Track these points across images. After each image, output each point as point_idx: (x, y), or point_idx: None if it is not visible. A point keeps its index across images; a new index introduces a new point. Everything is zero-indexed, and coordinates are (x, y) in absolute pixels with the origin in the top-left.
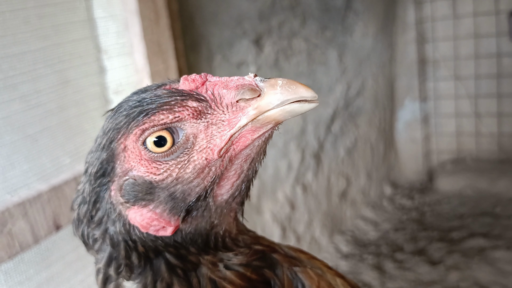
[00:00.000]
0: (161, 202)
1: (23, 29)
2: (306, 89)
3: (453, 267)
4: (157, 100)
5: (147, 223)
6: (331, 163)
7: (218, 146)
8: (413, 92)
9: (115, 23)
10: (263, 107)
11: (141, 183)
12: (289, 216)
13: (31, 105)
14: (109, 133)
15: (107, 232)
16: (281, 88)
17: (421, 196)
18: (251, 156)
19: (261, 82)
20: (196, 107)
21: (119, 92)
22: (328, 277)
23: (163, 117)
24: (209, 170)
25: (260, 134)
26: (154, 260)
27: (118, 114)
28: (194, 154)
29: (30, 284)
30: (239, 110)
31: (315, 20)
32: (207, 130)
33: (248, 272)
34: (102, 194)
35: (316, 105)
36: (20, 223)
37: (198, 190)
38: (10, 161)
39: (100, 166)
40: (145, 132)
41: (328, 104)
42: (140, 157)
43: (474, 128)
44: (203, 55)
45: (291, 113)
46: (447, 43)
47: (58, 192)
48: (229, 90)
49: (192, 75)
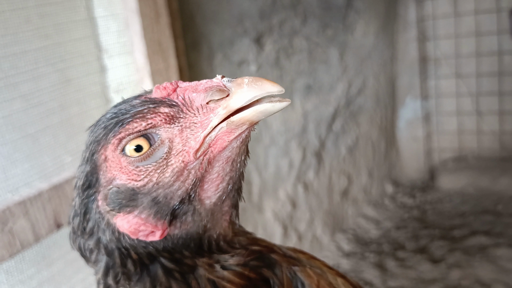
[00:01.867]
0: (145, 207)
1: (24, 28)
2: (272, 84)
3: (455, 265)
4: (131, 110)
5: (134, 229)
6: (333, 161)
7: (193, 148)
8: (415, 90)
9: (116, 22)
10: (232, 105)
11: (124, 191)
12: (291, 214)
13: (32, 104)
14: (90, 146)
15: (100, 242)
16: (247, 86)
17: (422, 194)
18: (232, 157)
19: (228, 82)
20: (168, 113)
21: (120, 91)
22: (328, 276)
23: (136, 125)
24: (189, 173)
25: (236, 135)
26: (150, 266)
27: (97, 127)
28: (171, 158)
29: (31, 283)
30: (210, 111)
31: (316, 18)
32: (181, 134)
33: (246, 271)
34: (91, 205)
35: (288, 103)
36: (21, 221)
37: (180, 194)
38: (11, 160)
39: (85, 178)
40: (122, 140)
41: (330, 102)
42: (121, 166)
43: (476, 126)
44: (204, 54)
45: (264, 113)
46: (448, 41)
47: (59, 191)
48: (198, 93)
49: (163, 84)
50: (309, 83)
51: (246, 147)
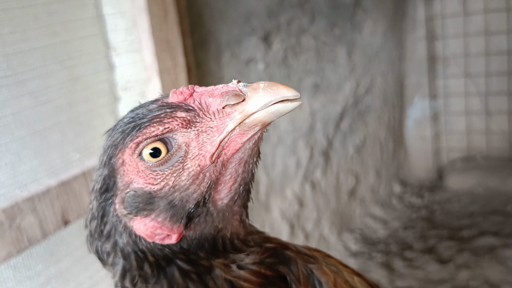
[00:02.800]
0: (161, 210)
1: (33, 25)
2: (287, 89)
3: (463, 265)
4: (148, 114)
5: (151, 232)
6: (340, 160)
7: (209, 152)
8: (423, 89)
9: (124, 20)
10: (248, 110)
11: (141, 194)
12: (298, 213)
13: (41, 101)
14: (108, 150)
15: (117, 245)
16: (263, 91)
17: (430, 194)
18: (244, 159)
19: (244, 87)
20: (185, 117)
21: (128, 89)
22: (345, 275)
23: (153, 129)
24: (204, 176)
25: (249, 137)
26: (166, 268)
27: (114, 132)
28: (187, 162)
29: (38, 279)
30: (226, 116)
31: (324, 17)
32: (198, 138)
33: (262, 269)
34: (108, 208)
35: (299, 103)
36: (29, 218)
37: (195, 197)
38: (20, 157)
39: (103, 182)
40: (140, 145)
41: (337, 101)
42: (138, 170)
43: (485, 126)
44: (212, 52)
45: (275, 113)
46: (457, 40)
47: (67, 188)
48: (214, 98)
49: (180, 88)
50: (316, 82)
51: (258, 149)
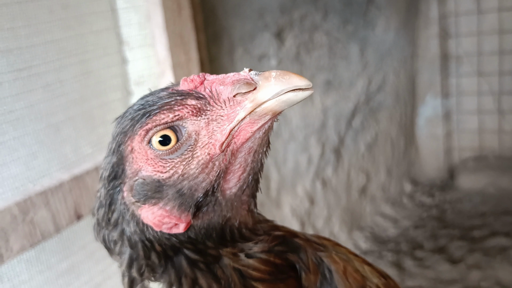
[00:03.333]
0: (169, 199)
1: (47, 18)
2: (300, 78)
3: (474, 266)
4: (158, 102)
5: (159, 221)
6: (351, 158)
7: (219, 140)
8: (435, 88)
9: (137, 14)
10: (259, 99)
11: (149, 182)
12: (309, 211)
13: (54, 95)
14: (117, 137)
15: (124, 233)
16: (275, 80)
17: (441, 194)
18: (254, 148)
19: (255, 75)
20: (195, 105)
21: (141, 83)
22: (355, 263)
23: (163, 116)
24: (213, 165)
25: (259, 126)
26: (174, 258)
27: (124, 119)
28: (197, 150)
29: (51, 273)
30: (237, 104)
31: (337, 13)
32: (208, 126)
33: (271, 258)
34: (116, 196)
35: (311, 92)
36: (42, 212)
37: (204, 185)
38: (33, 150)
39: (111, 169)
40: (149, 132)
41: (349, 98)
42: (147, 157)
43: (497, 125)
44: (225, 48)
45: (287, 102)
46: (470, 38)
47: (79, 182)
48: (225, 86)
49: (191, 76)
50: (329, 78)
51: (267, 138)
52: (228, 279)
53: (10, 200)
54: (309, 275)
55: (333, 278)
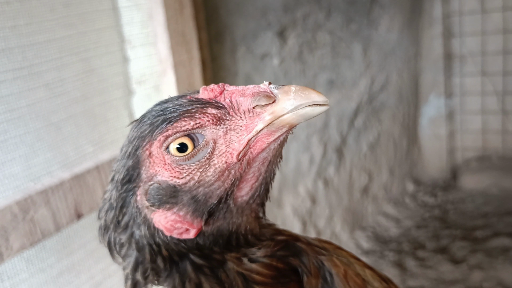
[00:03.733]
0: (184, 204)
1: (49, 17)
2: (318, 94)
3: (476, 266)
4: (179, 109)
5: (171, 225)
6: (354, 158)
7: (236, 150)
8: (439, 87)
9: (140, 13)
10: (278, 112)
11: (165, 187)
12: (310, 210)
13: (56, 93)
14: (134, 141)
15: (133, 237)
16: (294, 94)
17: (444, 194)
18: (268, 159)
19: (275, 89)
20: (216, 114)
21: (142, 82)
22: (356, 267)
23: (185, 123)
24: (229, 173)
25: (275, 137)
26: (179, 263)
27: (142, 124)
28: (214, 158)
29: (51, 272)
30: (256, 116)
31: (340, 12)
32: (226, 136)
33: (273, 262)
34: (128, 200)
35: (327, 108)
36: (42, 210)
37: (219, 193)
38: (34, 149)
39: (126, 172)
40: (169, 138)
41: (352, 98)
42: (164, 162)
43: (501, 126)
44: (227, 46)
45: (304, 116)
46: (474, 38)
47: (80, 181)
48: (245, 98)
49: (211, 86)
50: (331, 78)
51: (281, 150)
52: (231, 283)
53: (10, 198)
54: (311, 279)
55: (334, 281)
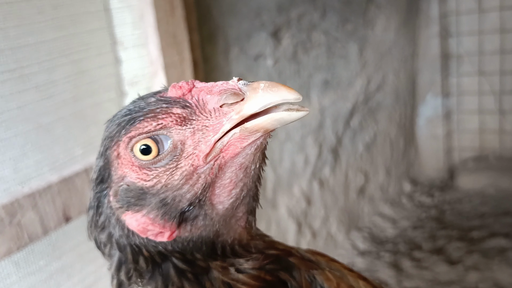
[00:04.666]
0: (152, 208)
1: (38, 19)
2: (289, 91)
3: (473, 267)
4: (145, 108)
5: (143, 228)
6: (349, 158)
7: (203, 151)
8: (436, 87)
9: (131, 14)
10: (245, 111)
11: (133, 189)
12: (305, 211)
13: (46, 95)
14: (104, 141)
15: (112, 236)
16: (262, 91)
17: (441, 194)
18: (246, 164)
19: (244, 86)
20: (180, 114)
21: (134, 83)
22: (349, 279)
23: (147, 124)
24: (198, 177)
25: (249, 142)
26: (162, 265)
27: (112, 123)
28: (181, 161)
29: (41, 275)
30: (223, 115)
31: (335, 12)
32: (193, 136)
33: (261, 274)
34: (103, 200)
35: (306, 113)
36: (30, 214)
37: (189, 197)
38: (23, 152)
39: (98, 173)
40: (132, 140)
41: (348, 98)
42: (132, 164)
43: (498, 125)
44: (220, 47)
45: (279, 121)
46: (471, 37)
47: (69, 184)
48: (212, 95)
49: (180, 82)
50: (327, 78)
51: (262, 154)
52: None
53: None
54: None
55: None
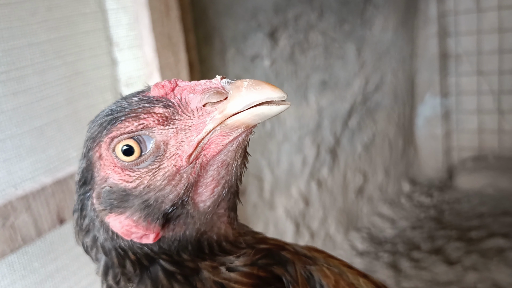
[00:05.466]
0: (135, 209)
1: (31, 20)
2: (273, 89)
3: (471, 267)
4: (126, 108)
5: (127, 230)
6: (348, 158)
7: (186, 152)
8: (434, 87)
9: (126, 15)
10: (229, 110)
11: (116, 191)
12: (303, 212)
13: (39, 97)
14: (87, 143)
15: (97, 240)
16: (246, 90)
17: (440, 194)
18: (227, 161)
19: (227, 84)
20: (162, 114)
21: (130, 84)
22: (349, 276)
23: (128, 124)
24: (181, 177)
25: (231, 139)
26: (150, 268)
27: (94, 124)
28: (164, 161)
29: (35, 277)
30: (206, 115)
31: (333, 13)
32: (176, 136)
33: (254, 271)
34: (86, 202)
35: (287, 107)
36: (23, 216)
37: (172, 198)
38: (16, 154)
39: (81, 174)
40: (114, 140)
41: (346, 99)
42: (114, 165)
43: (497, 125)
44: (216, 48)
45: (260, 116)
46: (470, 37)
47: (63, 186)
48: (195, 94)
49: (162, 81)
50: (324, 78)
51: (244, 151)
52: None
53: None
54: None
55: None
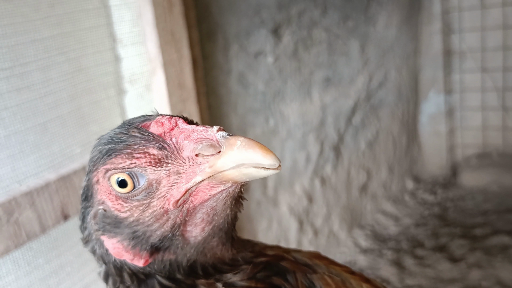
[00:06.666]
0: (125, 237)
1: (34, 17)
2: (265, 154)
3: (475, 265)
4: (124, 141)
5: (118, 252)
6: (351, 155)
7: (174, 197)
8: (438, 84)
9: (130, 11)
10: (219, 167)
11: (110, 216)
12: (307, 209)
13: (43, 93)
14: (89, 163)
15: (95, 251)
16: (238, 150)
17: (444, 191)
18: (217, 207)
19: (222, 138)
20: (156, 155)
21: (133, 81)
22: (352, 283)
23: (121, 161)
24: (168, 218)
25: (218, 191)
26: (147, 280)
27: (97, 147)
28: (154, 200)
29: (39, 273)
30: (196, 166)
31: (336, 9)
32: (169, 178)
33: (252, 284)
34: (86, 216)
35: (277, 172)
36: (27, 212)
37: (159, 233)
38: (20, 150)
39: (83, 190)
40: (108, 172)
41: (349, 95)
42: (109, 192)
43: (501, 122)
44: (219, 44)
45: (248, 176)
46: (474, 34)
47: (67, 182)
48: (190, 142)
49: (163, 119)
50: (328, 75)
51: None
52: None
53: None
54: None
55: None
